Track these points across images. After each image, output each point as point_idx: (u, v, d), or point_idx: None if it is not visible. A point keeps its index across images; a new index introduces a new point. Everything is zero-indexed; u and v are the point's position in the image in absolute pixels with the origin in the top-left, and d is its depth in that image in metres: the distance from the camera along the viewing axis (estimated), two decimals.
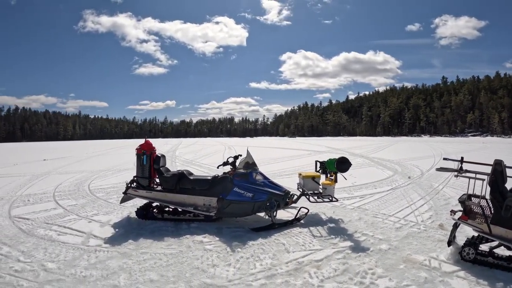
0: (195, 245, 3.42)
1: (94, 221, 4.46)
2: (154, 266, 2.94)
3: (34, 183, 8.12)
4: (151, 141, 4.46)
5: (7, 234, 3.92)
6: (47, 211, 5.10)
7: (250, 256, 3.06)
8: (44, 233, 3.97)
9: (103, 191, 6.74)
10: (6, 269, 2.91)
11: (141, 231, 3.94)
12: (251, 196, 3.87)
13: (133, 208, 4.81)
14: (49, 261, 3.19)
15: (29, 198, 6.14)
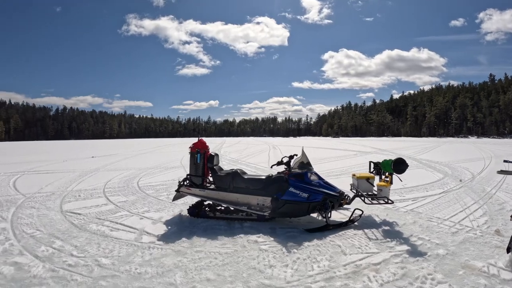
0: (250, 244, 4.98)
1: (146, 218, 6.61)
2: (210, 265, 4.30)
3: (83, 179, 12.34)
4: (204, 140, 6.75)
5: (60, 228, 6.11)
6: (98, 207, 7.69)
7: (306, 258, 4.45)
8: (96, 229, 6.01)
9: (153, 189, 9.95)
10: (60, 263, 4.56)
11: (194, 229, 5.81)
12: (306, 196, 5.78)
13: (184, 206, 7.26)
14: (102, 256, 4.72)
15: (80, 194, 9.35)
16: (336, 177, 11.13)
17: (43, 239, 5.49)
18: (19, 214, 7.08)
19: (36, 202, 8.28)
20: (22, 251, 4.96)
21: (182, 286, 3.80)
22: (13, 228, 6.12)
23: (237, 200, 6.24)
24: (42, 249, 5.01)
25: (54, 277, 4.09)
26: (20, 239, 5.49)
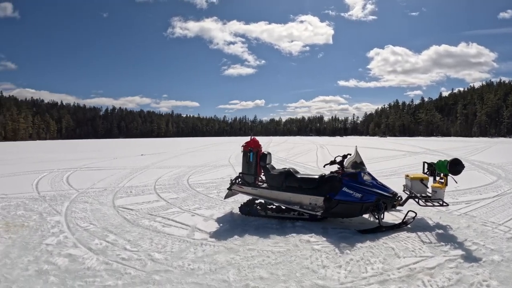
0: (303, 244, 5.13)
1: (197, 215, 6.95)
2: (262, 264, 4.45)
3: (134, 176, 13.05)
4: (257, 139, 6.97)
5: (113, 223, 6.44)
6: (150, 203, 8.05)
7: (360, 259, 4.56)
8: (148, 224, 6.29)
9: (203, 186, 10.45)
10: (113, 257, 4.80)
11: (245, 227, 6.05)
12: (359, 196, 5.90)
13: (235, 204, 7.61)
14: (156, 251, 4.91)
15: (131, 190, 9.85)
16: (386, 178, 11.24)
17: (96, 232, 5.80)
18: (73, 208, 7.56)
19: (89, 197, 8.81)
20: (76, 243, 5.26)
21: (235, 283, 3.91)
22: (67, 221, 6.53)
23: (289, 199, 6.41)
24: (96, 242, 5.29)
25: (108, 269, 4.30)
26: (74, 232, 5.83)
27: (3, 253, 4.92)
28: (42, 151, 36.66)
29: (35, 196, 9.14)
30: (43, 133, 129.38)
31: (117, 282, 3.95)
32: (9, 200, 8.52)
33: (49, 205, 7.95)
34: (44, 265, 4.45)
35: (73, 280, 4.02)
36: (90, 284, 3.91)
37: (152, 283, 3.90)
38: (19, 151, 37.66)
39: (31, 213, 7.18)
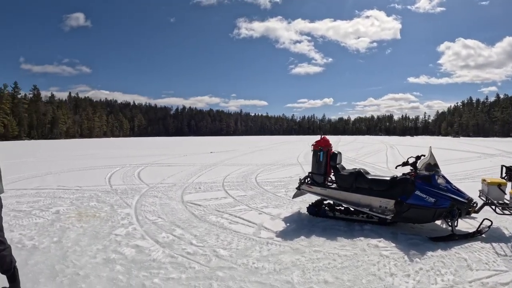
0: (370, 249, 5.01)
1: (265, 213, 7.05)
2: (328, 267, 4.41)
3: (203, 173, 13.56)
4: (327, 138, 6.96)
5: (181, 218, 6.71)
6: (218, 200, 8.26)
7: (430, 269, 4.38)
8: (215, 220, 6.45)
9: (271, 185, 10.63)
10: (179, 250, 5.00)
11: (312, 228, 6.05)
12: (433, 201, 5.68)
13: (303, 203, 7.63)
14: (221, 247, 5.01)
15: (200, 186, 10.23)
16: (460, 182, 10.62)
17: (164, 226, 6.06)
18: (143, 202, 8.00)
19: (159, 192, 9.27)
20: (144, 235, 5.54)
21: (299, 285, 3.89)
22: (136, 214, 6.92)
23: (359, 201, 6.36)
24: (163, 235, 5.52)
25: (172, 262, 4.46)
26: (143, 225, 6.15)
27: (74, 241, 5.34)
28: (115, 147, 39.60)
29: (108, 189, 9.84)
30: (117, 131, 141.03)
31: (181, 275, 4.07)
32: (83, 192, 9.27)
33: (120, 198, 8.51)
34: (111, 254, 4.75)
35: (138, 270, 4.22)
36: (154, 276, 4.06)
37: (215, 279, 3.96)
38: (93, 147, 40.98)
39: (103, 204, 7.74)
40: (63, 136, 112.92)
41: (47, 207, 7.57)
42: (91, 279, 4.00)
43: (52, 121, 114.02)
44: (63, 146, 45.89)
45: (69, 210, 7.31)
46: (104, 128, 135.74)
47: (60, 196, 8.88)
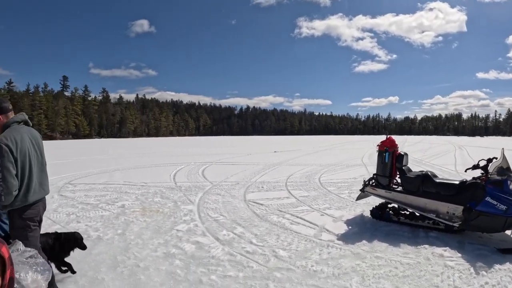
0: (435, 258, 4.79)
1: (327, 215, 6.98)
2: (389, 275, 4.25)
3: (266, 172, 13.71)
4: (393, 138, 6.76)
5: (242, 216, 6.81)
6: (280, 199, 8.27)
7: (496, 284, 4.08)
8: (277, 220, 6.46)
9: (334, 185, 10.51)
10: (238, 249, 5.07)
11: (375, 233, 5.88)
12: (504, 209, 5.25)
13: (366, 206, 7.44)
14: (280, 248, 5.00)
15: (263, 185, 10.32)
16: None
17: (225, 224, 6.18)
18: (206, 199, 8.22)
19: (222, 190, 9.50)
20: (205, 232, 5.69)
21: None
22: (199, 211, 7.12)
23: (425, 205, 6.07)
24: (223, 233, 5.63)
25: (231, 260, 4.52)
26: (204, 222, 6.32)
27: (136, 234, 5.64)
28: (181, 146, 41.17)
29: (172, 185, 10.25)
30: (183, 130, 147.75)
31: (238, 274, 4.11)
32: (148, 188, 9.73)
33: (184, 194, 8.82)
34: (172, 248, 4.93)
35: (197, 266, 4.33)
36: (212, 272, 4.15)
37: (272, 280, 3.96)
38: (160, 145, 42.93)
39: (167, 200, 8.08)
40: (131, 135, 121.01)
41: (113, 201, 8.07)
42: (150, 272, 4.18)
43: (120, 121, 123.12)
44: (131, 145, 48.69)
45: (134, 204, 7.72)
46: (170, 128, 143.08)
47: (126, 191, 9.39)
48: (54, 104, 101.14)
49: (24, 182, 3.21)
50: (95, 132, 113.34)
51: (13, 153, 3.07)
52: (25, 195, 3.21)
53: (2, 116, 3.25)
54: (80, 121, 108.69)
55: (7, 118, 3.27)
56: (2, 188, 3.01)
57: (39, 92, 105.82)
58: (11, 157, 3.07)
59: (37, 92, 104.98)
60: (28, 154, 3.24)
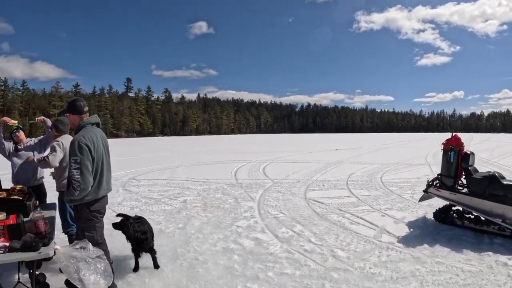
0: (498, 267, 4.49)
1: (388, 216, 6.79)
2: (449, 282, 4.05)
3: (327, 170, 13.62)
4: (459, 136, 6.40)
5: (302, 214, 6.81)
6: (341, 198, 8.19)
7: None
8: (336, 219, 6.40)
9: (396, 185, 10.24)
10: (297, 247, 5.07)
11: (437, 237, 5.62)
12: None
13: (429, 208, 7.14)
14: (339, 248, 4.95)
15: (324, 184, 10.25)
16: None
17: (285, 221, 6.22)
18: (266, 197, 8.33)
19: (282, 188, 9.57)
20: (264, 229, 5.76)
21: None
22: (259, 208, 7.23)
23: (491, 209, 5.65)
24: (282, 230, 5.67)
25: (289, 258, 4.54)
26: (264, 218, 6.40)
27: (197, 228, 5.85)
28: (242, 143, 41.92)
29: (233, 182, 10.50)
30: (244, 128, 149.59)
31: (295, 272, 4.11)
32: (210, 184, 10.04)
33: (245, 191, 9.01)
34: (231, 244, 5.06)
35: (254, 262, 4.40)
36: (269, 269, 4.19)
37: (329, 280, 3.92)
38: (221, 143, 43.96)
39: (228, 197, 8.30)
40: (193, 133, 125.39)
41: (176, 196, 8.42)
42: (209, 265, 4.31)
43: (183, 120, 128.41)
44: (193, 142, 50.37)
45: (196, 200, 8.01)
46: (232, 126, 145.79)
47: (188, 187, 9.75)
48: (119, 105, 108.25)
49: (96, 179, 3.49)
50: (158, 130, 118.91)
51: (91, 152, 3.37)
52: (95, 191, 3.49)
53: (77, 116, 3.57)
54: (144, 120, 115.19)
55: (82, 119, 3.58)
56: (79, 184, 3.29)
57: (104, 94, 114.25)
58: (90, 156, 3.36)
59: (103, 94, 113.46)
60: (102, 154, 3.55)
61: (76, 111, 3.56)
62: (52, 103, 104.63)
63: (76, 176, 3.28)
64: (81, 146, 3.29)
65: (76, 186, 3.28)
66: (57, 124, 4.43)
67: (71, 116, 3.60)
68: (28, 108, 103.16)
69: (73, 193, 3.31)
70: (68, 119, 3.70)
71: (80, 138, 3.32)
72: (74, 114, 3.57)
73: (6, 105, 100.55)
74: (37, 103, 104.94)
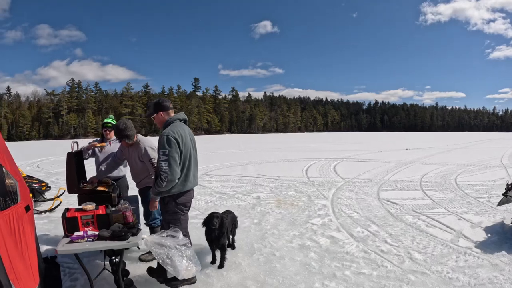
0: None
1: (464, 220, 6.44)
2: None
3: (399, 170, 13.22)
4: None
5: (376, 214, 6.69)
6: (415, 200, 7.92)
7: None
8: (412, 221, 6.20)
9: (471, 188, 9.70)
10: (373, 247, 5.00)
11: None
12: None
13: (507, 213, 6.65)
14: (415, 250, 4.79)
15: (396, 184, 9.97)
16: None
17: (359, 221, 6.15)
18: (339, 195, 8.28)
19: (355, 187, 9.46)
20: (339, 227, 5.74)
21: None
22: (332, 206, 7.21)
23: None
24: (358, 230, 5.61)
25: (365, 258, 4.49)
26: (339, 217, 6.37)
27: (272, 224, 5.98)
28: (310, 141, 41.69)
29: (305, 180, 10.56)
30: (311, 126, 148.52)
31: (372, 272, 4.06)
32: (281, 182, 10.17)
33: (317, 189, 9.02)
34: (307, 241, 5.10)
35: (331, 260, 4.40)
36: (346, 268, 4.18)
37: (406, 282, 3.84)
38: (289, 141, 44.07)
39: (301, 194, 8.34)
40: (260, 131, 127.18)
41: (249, 193, 8.64)
42: (286, 261, 4.38)
43: (250, 118, 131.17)
44: (261, 140, 50.96)
45: (269, 197, 8.15)
46: (299, 124, 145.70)
47: (260, 183, 9.94)
48: (187, 104, 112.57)
49: (183, 172, 3.65)
50: (225, 128, 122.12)
51: (179, 145, 3.53)
52: (182, 184, 3.65)
53: (163, 113, 3.77)
54: (211, 118, 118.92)
55: (168, 115, 3.78)
56: (167, 175, 3.45)
57: (173, 93, 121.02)
58: (178, 149, 3.52)
59: (171, 93, 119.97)
60: (189, 149, 3.70)
61: (163, 108, 3.77)
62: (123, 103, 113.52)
63: (164, 168, 3.45)
64: (169, 139, 3.47)
65: (163, 177, 3.45)
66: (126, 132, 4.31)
67: (159, 114, 3.78)
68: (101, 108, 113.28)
69: (160, 184, 3.48)
70: (156, 118, 3.84)
71: (169, 132, 3.51)
72: (162, 111, 3.77)
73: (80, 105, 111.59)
74: (109, 102, 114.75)
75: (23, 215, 2.91)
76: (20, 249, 2.67)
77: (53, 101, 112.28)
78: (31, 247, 2.86)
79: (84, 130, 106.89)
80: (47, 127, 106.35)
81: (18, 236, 2.69)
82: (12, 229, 2.63)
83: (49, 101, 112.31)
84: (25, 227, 2.86)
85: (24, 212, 2.95)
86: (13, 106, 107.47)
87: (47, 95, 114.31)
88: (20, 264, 2.57)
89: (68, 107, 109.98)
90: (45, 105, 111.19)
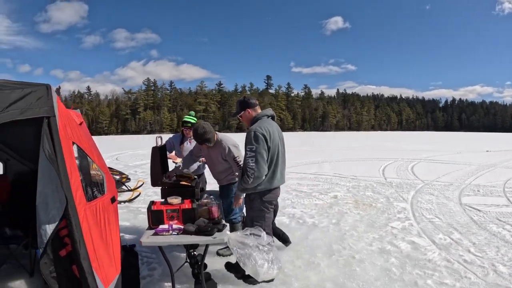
0: None
1: None
2: None
3: (481, 174, 12.14)
4: None
5: (459, 221, 6.22)
6: (499, 207, 7.24)
7: None
8: (496, 230, 5.67)
9: None
10: (456, 256, 4.64)
11: None
12: None
13: None
14: (500, 263, 4.36)
15: (479, 189, 9.20)
16: None
17: (441, 227, 5.76)
18: (418, 198, 7.86)
19: (435, 190, 8.91)
20: (420, 233, 5.42)
21: None
22: (412, 209, 6.86)
23: None
24: (439, 236, 5.26)
25: (448, 267, 4.17)
26: (419, 222, 6.04)
27: (351, 225, 5.82)
28: (385, 140, 40.03)
29: (382, 181, 10.18)
30: (384, 124, 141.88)
31: (455, 283, 3.78)
32: (358, 181, 9.89)
33: (396, 191, 8.65)
34: (387, 245, 4.88)
35: (413, 267, 4.17)
36: (428, 276, 3.93)
37: None
38: (364, 139, 42.66)
39: (379, 195, 8.07)
40: (333, 128, 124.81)
41: (326, 191, 8.51)
42: (366, 265, 4.21)
43: (322, 115, 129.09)
44: (334, 138, 49.85)
45: (346, 196, 7.98)
46: (372, 122, 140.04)
47: (337, 183, 9.77)
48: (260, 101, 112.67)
49: (271, 169, 3.58)
50: (298, 126, 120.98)
51: (267, 141, 3.47)
52: (269, 181, 3.59)
53: (251, 110, 3.76)
54: (284, 115, 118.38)
55: (256, 112, 3.76)
56: (254, 172, 3.40)
57: (246, 91, 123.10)
58: (266, 145, 3.46)
59: (244, 91, 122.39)
60: (277, 145, 3.64)
61: (250, 105, 3.75)
62: (197, 100, 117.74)
63: (251, 164, 3.40)
64: (257, 135, 3.41)
65: (250, 174, 3.41)
66: (206, 136, 4.16)
67: (247, 112, 3.76)
68: (176, 105, 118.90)
69: (247, 181, 3.45)
70: (244, 116, 3.81)
71: (257, 128, 3.46)
72: (250, 108, 3.75)
73: (156, 103, 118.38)
74: (183, 100, 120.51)
75: (109, 206, 3.08)
76: (104, 239, 2.81)
77: (130, 99, 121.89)
78: (115, 237, 3.00)
79: (160, 126, 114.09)
80: (125, 123, 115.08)
81: (103, 226, 2.84)
82: (98, 220, 2.78)
83: (127, 99, 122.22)
84: (110, 218, 3.01)
85: (109, 203, 3.12)
86: (93, 103, 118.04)
87: (125, 94, 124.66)
88: (104, 253, 2.71)
89: (145, 105, 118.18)
90: (123, 102, 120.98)
